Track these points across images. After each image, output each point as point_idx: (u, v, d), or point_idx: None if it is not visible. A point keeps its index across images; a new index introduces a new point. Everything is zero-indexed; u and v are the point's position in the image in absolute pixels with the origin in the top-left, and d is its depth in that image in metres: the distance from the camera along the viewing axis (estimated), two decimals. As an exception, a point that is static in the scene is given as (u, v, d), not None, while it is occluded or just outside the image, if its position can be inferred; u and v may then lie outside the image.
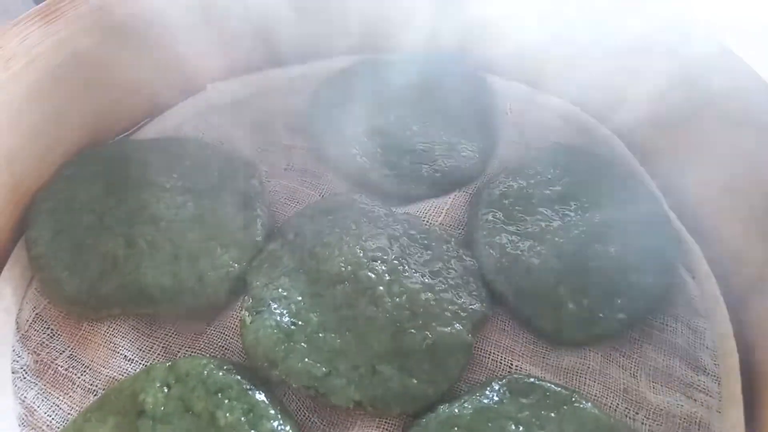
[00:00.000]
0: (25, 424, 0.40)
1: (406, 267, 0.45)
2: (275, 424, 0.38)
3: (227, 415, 0.38)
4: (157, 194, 0.48)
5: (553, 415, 0.39)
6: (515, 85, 0.58)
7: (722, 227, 0.47)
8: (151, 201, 0.48)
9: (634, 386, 0.43)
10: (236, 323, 0.43)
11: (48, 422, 0.40)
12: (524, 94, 0.58)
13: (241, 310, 0.43)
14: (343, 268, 0.44)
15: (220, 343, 0.43)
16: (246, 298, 0.43)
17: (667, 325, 0.45)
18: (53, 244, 0.45)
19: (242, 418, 0.38)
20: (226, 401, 0.38)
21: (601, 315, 0.44)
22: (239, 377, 0.40)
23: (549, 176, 0.51)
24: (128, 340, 0.43)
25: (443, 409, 0.40)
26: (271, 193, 0.52)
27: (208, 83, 0.57)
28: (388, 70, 0.58)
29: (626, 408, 0.42)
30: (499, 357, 0.44)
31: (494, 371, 0.43)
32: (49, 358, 0.42)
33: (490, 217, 0.48)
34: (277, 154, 0.55)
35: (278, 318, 0.42)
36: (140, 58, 0.52)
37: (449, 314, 0.43)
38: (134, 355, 0.43)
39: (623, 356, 0.44)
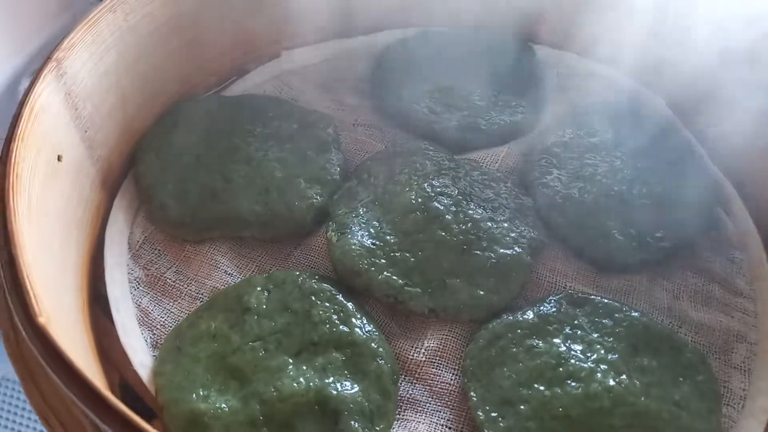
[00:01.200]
0: (142, 323, 0.45)
1: (470, 201, 0.51)
2: (361, 322, 0.44)
3: (320, 312, 0.43)
4: (246, 139, 0.54)
5: (605, 321, 0.44)
6: (561, 53, 0.64)
7: (755, 171, 0.52)
8: (241, 145, 0.54)
9: (677, 305, 0.47)
10: (321, 246, 0.49)
11: (161, 322, 0.45)
12: (570, 61, 0.63)
13: (327, 232, 0.49)
14: (414, 201, 0.50)
15: (306, 263, 0.49)
16: (330, 223, 0.49)
17: (706, 256, 0.50)
18: (159, 177, 0.51)
19: (334, 316, 0.43)
20: (319, 302, 0.44)
21: (645, 243, 0.49)
22: (329, 285, 0.45)
23: (596, 128, 0.56)
24: (227, 258, 0.49)
25: (507, 315, 0.45)
26: (342, 144, 0.57)
27: (283, 51, 0.64)
28: (445, 40, 0.64)
29: (670, 322, 0.46)
30: (555, 280, 0.49)
31: (550, 291, 0.48)
32: (159, 272, 0.48)
33: (543, 162, 0.54)
34: (345, 112, 0.61)
35: (359, 238, 0.48)
36: (227, 24, 0.59)
37: (509, 240, 0.49)
38: (233, 271, 0.48)
39: (666, 280, 0.49)
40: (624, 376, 0.41)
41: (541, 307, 0.45)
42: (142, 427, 0.26)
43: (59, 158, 0.43)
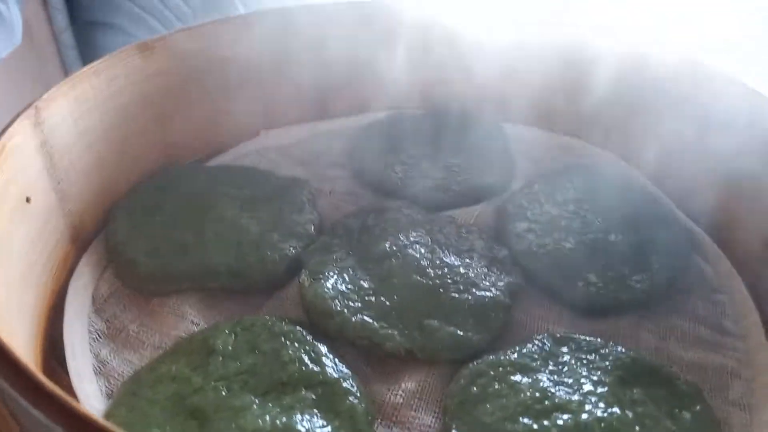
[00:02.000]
0: (98, 373, 0.42)
1: (446, 251, 0.50)
2: (334, 363, 0.41)
3: (290, 352, 0.41)
4: (221, 200, 0.54)
5: (591, 357, 0.42)
6: (531, 129, 0.67)
7: (719, 214, 0.53)
8: (216, 205, 0.54)
9: (665, 346, 0.45)
10: (293, 296, 0.48)
11: (120, 372, 0.42)
12: (539, 136, 0.66)
13: (300, 279, 0.47)
14: (389, 249, 0.49)
15: (278, 314, 0.47)
16: (303, 271, 0.48)
17: (689, 301, 0.49)
18: (130, 235, 0.51)
19: (304, 356, 0.41)
20: (289, 342, 0.42)
21: (625, 286, 0.48)
22: (300, 328, 0.43)
23: (566, 186, 0.57)
24: (195, 310, 0.47)
25: (488, 356, 0.43)
26: (318, 208, 0.58)
27: (261, 130, 0.66)
28: (419, 120, 0.68)
29: (660, 361, 0.44)
30: (536, 325, 0.47)
31: (531, 336, 0.46)
32: (121, 325, 0.46)
33: (517, 217, 0.54)
34: (321, 182, 0.62)
35: (333, 282, 0.46)
36: (209, 104, 0.61)
37: (487, 283, 0.47)
38: (200, 321, 0.46)
39: (651, 323, 0.47)
40: (616, 408, 0.38)
41: (524, 348, 0.43)
42: (79, 410, 0.23)
43: (28, 200, 0.43)
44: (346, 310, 0.44)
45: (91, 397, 0.39)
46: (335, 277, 0.47)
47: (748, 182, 0.50)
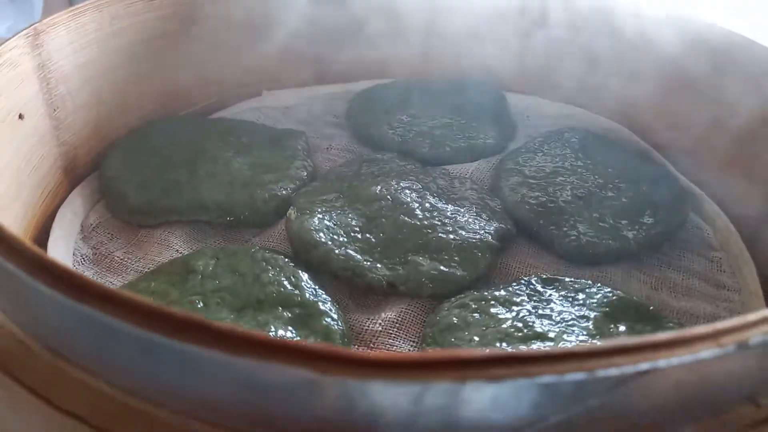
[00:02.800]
0: (79, 292, 0.42)
1: (437, 198, 0.50)
2: (314, 288, 0.41)
3: (271, 275, 0.41)
4: (217, 144, 0.55)
5: (578, 296, 0.41)
6: (531, 98, 0.66)
7: (717, 174, 0.52)
8: (212, 148, 0.54)
9: (656, 295, 0.44)
10: (280, 233, 0.47)
11: (101, 292, 0.42)
12: (539, 104, 0.66)
13: (287, 213, 0.47)
14: (379, 192, 0.49)
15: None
16: (291, 207, 0.48)
17: (684, 256, 0.48)
18: (124, 171, 0.51)
19: (284, 280, 0.40)
20: (270, 267, 0.41)
21: (618, 235, 0.47)
22: (283, 257, 0.43)
23: (563, 145, 0.57)
24: (181, 241, 0.47)
25: (473, 291, 0.42)
26: (314, 161, 0.57)
27: (264, 90, 0.67)
28: (421, 86, 0.67)
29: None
30: (525, 271, 0.46)
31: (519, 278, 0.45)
32: (107, 251, 0.46)
33: (513, 172, 0.53)
34: (320, 139, 0.62)
35: (320, 217, 0.46)
36: (213, 56, 0.62)
37: (476, 227, 0.47)
38: (185, 252, 0.46)
39: (643, 274, 0.46)
40: (598, 340, 0.37)
41: (511, 286, 0.42)
42: (44, 257, 0.23)
43: (21, 116, 0.43)
44: (330, 242, 0.44)
45: (67, 306, 0.39)
46: (323, 214, 0.47)
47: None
